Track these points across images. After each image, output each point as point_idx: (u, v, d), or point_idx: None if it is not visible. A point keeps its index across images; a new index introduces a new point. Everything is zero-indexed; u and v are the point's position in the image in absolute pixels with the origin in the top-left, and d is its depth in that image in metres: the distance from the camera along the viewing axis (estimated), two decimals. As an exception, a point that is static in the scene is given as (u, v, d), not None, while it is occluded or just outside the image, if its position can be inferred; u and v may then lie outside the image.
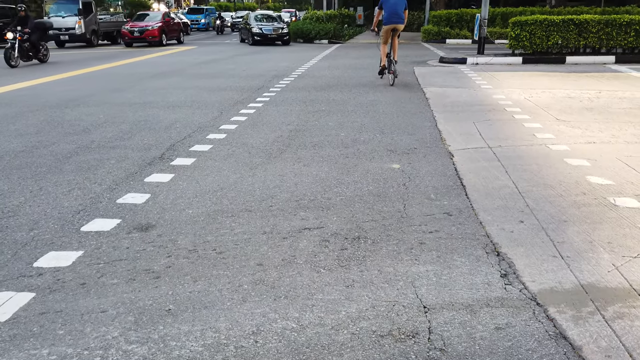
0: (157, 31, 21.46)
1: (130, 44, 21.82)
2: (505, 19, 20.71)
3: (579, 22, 12.55)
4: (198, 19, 36.27)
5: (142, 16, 23.42)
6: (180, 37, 24.07)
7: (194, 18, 36.14)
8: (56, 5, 21.55)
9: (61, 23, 20.78)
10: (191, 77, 11.14)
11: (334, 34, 23.46)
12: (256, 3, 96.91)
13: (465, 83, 9.79)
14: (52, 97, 8.62)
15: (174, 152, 5.13)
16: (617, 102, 7.54)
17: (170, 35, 22.86)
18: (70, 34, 21.15)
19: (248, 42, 22.54)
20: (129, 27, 21.66)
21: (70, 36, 21.22)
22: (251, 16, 23.38)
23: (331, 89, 9.32)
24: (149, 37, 21.31)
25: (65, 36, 21.17)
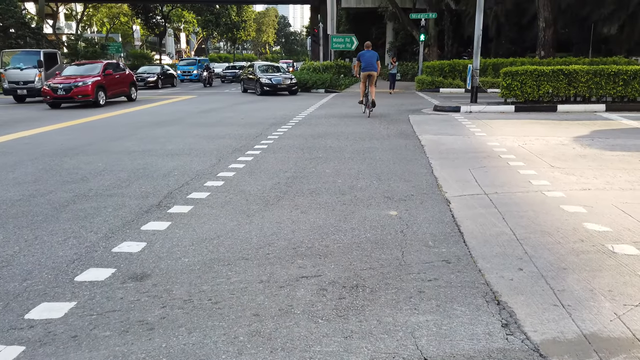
0: (90, 88, 16.19)
1: (57, 104, 16.68)
2: (496, 69, 21.33)
3: (569, 72, 12.93)
4: (190, 70, 36.38)
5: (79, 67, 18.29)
6: (130, 94, 18.86)
7: (187, 69, 36.59)
8: (16, 56, 19.80)
9: (19, 76, 18.70)
10: (190, 126, 11.30)
11: (331, 83, 24.05)
12: (255, 54, 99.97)
13: (460, 130, 9.96)
14: (51, 145, 8.71)
15: (171, 199, 5.14)
16: (609, 149, 7.66)
17: (113, 92, 17.69)
18: (28, 88, 18.64)
19: (255, 93, 22.17)
20: (53, 82, 16.43)
21: (28, 90, 18.63)
22: (256, 67, 23.41)
23: (328, 136, 9.45)
24: (77, 96, 16.15)
25: (24, 90, 18.68)
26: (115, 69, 18.38)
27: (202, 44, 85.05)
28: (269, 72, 22.76)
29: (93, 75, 16.89)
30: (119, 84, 18.24)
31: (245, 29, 79.23)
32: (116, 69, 18.41)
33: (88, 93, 16.18)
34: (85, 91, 16.17)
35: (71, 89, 16.09)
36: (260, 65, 24.00)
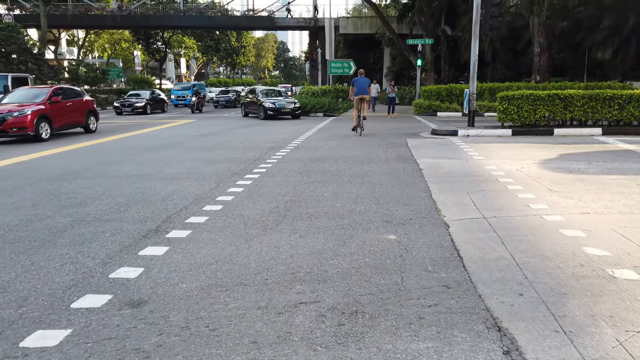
0: (28, 119, 13.19)
1: None
2: (492, 93, 21.57)
3: (564, 97, 13.08)
4: (185, 95, 35.65)
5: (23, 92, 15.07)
6: (88, 124, 15.98)
7: (181, 94, 35.98)
8: None
9: None
10: (190, 150, 11.35)
11: (329, 107, 24.26)
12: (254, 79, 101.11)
13: (458, 154, 10.01)
14: (50, 170, 8.72)
15: (169, 224, 5.12)
16: (607, 173, 7.69)
17: (63, 123, 14.79)
18: None
19: (258, 117, 21.98)
20: None
21: None
22: (258, 91, 23.46)
23: (326, 160, 9.49)
24: (11, 129, 13.10)
25: None
26: (67, 95, 15.36)
27: (202, 68, 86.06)
28: (271, 97, 22.78)
29: (36, 103, 13.84)
30: (72, 113, 15.22)
31: (244, 54, 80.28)
32: (69, 95, 15.45)
33: (25, 125, 13.14)
34: (22, 123, 13.11)
35: (4, 120, 12.97)
36: (262, 90, 24.12)
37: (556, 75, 27.13)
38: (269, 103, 21.53)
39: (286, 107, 21.57)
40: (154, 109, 28.02)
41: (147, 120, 21.51)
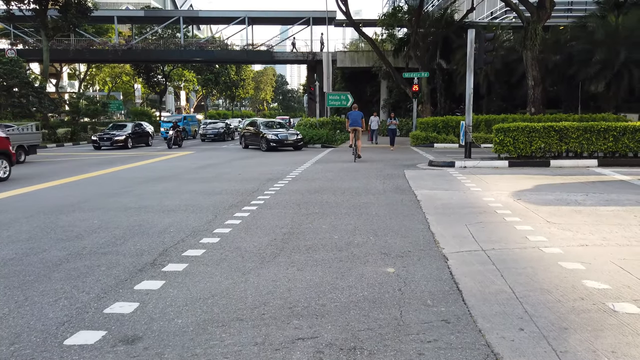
0: None
1: None
2: (488, 125, 21.83)
3: (559, 129, 13.23)
4: None
5: None
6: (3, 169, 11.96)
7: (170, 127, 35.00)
8: None
9: None
10: (188, 182, 11.37)
11: (327, 139, 24.46)
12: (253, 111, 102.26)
13: (455, 186, 10.04)
14: (48, 202, 8.70)
15: (166, 257, 5.08)
16: (604, 204, 7.71)
17: None
18: None
19: (260, 149, 21.83)
20: None
21: None
22: (259, 123, 23.60)
23: (324, 191, 9.50)
24: None
25: None
26: None
27: (202, 101, 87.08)
28: (273, 128, 22.91)
29: None
30: None
31: (243, 87, 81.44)
32: None
33: None
34: None
35: None
36: (263, 122, 24.27)
37: (551, 107, 27.53)
38: (271, 135, 21.58)
39: (289, 139, 21.63)
40: (137, 142, 25.84)
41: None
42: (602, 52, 23.92)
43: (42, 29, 30.80)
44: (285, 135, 21.78)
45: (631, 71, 23.91)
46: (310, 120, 29.33)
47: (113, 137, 24.23)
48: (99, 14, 37.73)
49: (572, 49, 26.42)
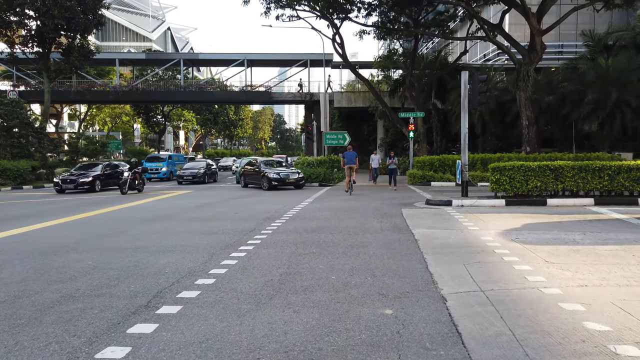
0: None
1: None
2: (484, 163, 22.00)
3: (554, 168, 13.34)
4: (159, 167, 31.51)
5: None
6: None
7: (154, 166, 31.64)
8: None
9: None
10: (184, 221, 11.32)
11: (324, 177, 24.57)
12: (251, 149, 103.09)
13: (453, 225, 10.02)
14: (43, 243, 8.62)
15: (160, 299, 5.00)
16: (602, 243, 7.68)
17: None
18: None
19: (261, 188, 21.76)
20: None
21: None
22: (260, 162, 23.66)
23: (322, 230, 9.46)
24: None
25: None
26: None
27: (200, 140, 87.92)
28: (274, 167, 22.93)
29: None
30: None
31: (242, 126, 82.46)
32: None
33: None
34: None
35: None
36: (264, 160, 24.31)
37: (545, 146, 27.82)
38: (273, 173, 21.58)
39: (290, 177, 21.64)
40: (107, 185, 22.89)
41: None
42: (593, 93, 24.41)
43: (45, 71, 31.35)
44: (287, 173, 21.80)
45: (623, 111, 24.33)
46: (308, 159, 29.55)
47: (78, 178, 21.38)
48: (101, 56, 38.57)
49: (564, 90, 26.96)
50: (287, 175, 21.68)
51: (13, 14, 28.47)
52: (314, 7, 27.72)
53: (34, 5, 27.86)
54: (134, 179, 20.63)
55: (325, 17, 28.82)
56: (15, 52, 30.71)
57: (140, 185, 21.08)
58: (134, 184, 20.63)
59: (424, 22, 31.43)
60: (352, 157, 18.57)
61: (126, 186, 20.18)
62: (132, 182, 20.51)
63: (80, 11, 28.73)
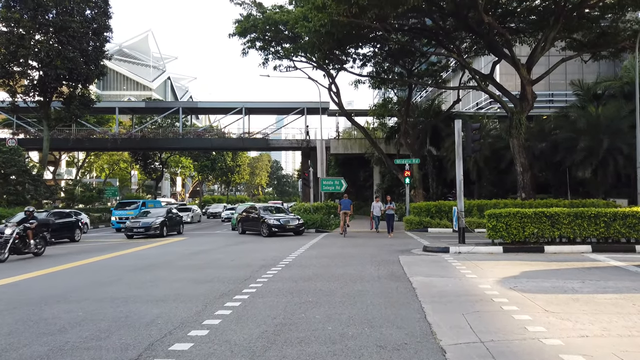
0: None
1: None
2: (481, 210, 22.02)
3: (550, 215, 13.36)
4: (129, 216, 27.22)
5: None
6: None
7: (124, 214, 28.40)
8: None
9: None
10: (179, 269, 11.17)
11: (321, 223, 24.47)
12: (248, 195, 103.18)
13: (451, 272, 9.91)
14: (33, 293, 8.46)
15: (151, 352, 4.86)
16: (601, 292, 7.59)
17: None
18: None
19: (261, 234, 21.43)
20: None
21: None
22: (259, 208, 23.59)
23: (318, 278, 9.33)
24: None
25: None
26: None
27: (198, 186, 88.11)
28: (273, 213, 22.80)
29: None
30: None
31: (239, 172, 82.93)
32: None
33: None
34: None
35: None
36: (262, 206, 24.19)
37: (540, 192, 27.99)
38: (272, 220, 21.36)
39: (290, 224, 21.48)
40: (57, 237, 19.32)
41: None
42: (585, 140, 24.83)
43: (45, 120, 31.77)
44: (287, 220, 21.65)
45: (615, 158, 24.67)
46: (305, 205, 29.53)
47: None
48: (101, 105, 39.27)
49: (556, 137, 27.43)
50: (288, 222, 21.53)
51: (17, 64, 29.16)
52: (311, 58, 28.56)
53: (37, 57, 28.60)
54: (23, 238, 14.22)
55: (322, 68, 29.65)
56: (16, 101, 31.20)
57: (36, 247, 14.69)
58: (24, 245, 14.26)
59: (418, 72, 32.34)
60: (348, 204, 20.99)
61: (5, 249, 13.50)
62: (18, 244, 14.05)
63: (82, 62, 29.48)
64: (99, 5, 30.66)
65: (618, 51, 25.62)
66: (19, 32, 28.27)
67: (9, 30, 28.38)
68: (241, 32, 26.91)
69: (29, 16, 28.18)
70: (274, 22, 26.05)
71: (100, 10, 30.75)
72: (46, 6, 28.12)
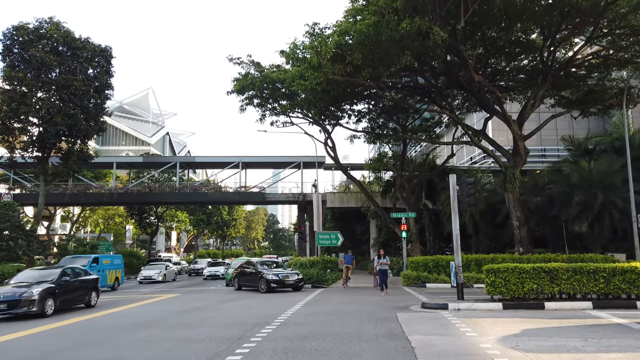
0: None
1: None
2: (479, 264, 21.78)
3: (549, 270, 13.22)
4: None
5: None
6: None
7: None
8: None
9: None
10: (171, 328, 10.85)
11: (317, 279, 24.06)
12: (243, 250, 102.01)
13: (450, 330, 9.67)
14: (17, 354, 8.16)
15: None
16: (604, 351, 7.40)
17: None
18: None
19: (259, 290, 20.86)
20: None
21: None
22: (256, 262, 23.07)
23: (314, 337, 9.07)
24: None
25: None
26: None
27: (193, 241, 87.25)
28: (271, 268, 22.34)
29: None
30: None
31: (235, 226, 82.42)
32: None
33: None
34: None
35: None
36: (260, 261, 23.76)
37: (538, 246, 27.82)
38: (271, 275, 20.85)
39: (290, 279, 20.98)
40: None
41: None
42: (580, 195, 24.97)
43: (42, 175, 31.74)
44: (286, 274, 21.20)
45: (611, 212, 24.72)
46: (301, 260, 29.15)
47: None
48: (99, 160, 39.55)
49: (551, 192, 27.62)
50: (287, 276, 21.05)
51: (17, 121, 29.51)
52: (307, 114, 29.20)
53: (38, 114, 29.00)
54: None
55: (318, 123, 30.25)
56: (14, 156, 31.28)
57: None
58: None
59: (412, 128, 33.01)
60: (350, 259, 22.92)
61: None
62: None
63: (82, 118, 29.85)
64: (101, 65, 31.50)
65: (606, 108, 26.35)
66: (22, 90, 28.86)
67: (12, 89, 28.96)
68: (239, 89, 27.63)
69: (32, 75, 28.82)
70: (271, 80, 26.83)
71: (103, 69, 31.54)
72: (50, 65, 28.84)
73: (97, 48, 31.08)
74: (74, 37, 30.20)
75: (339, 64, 20.07)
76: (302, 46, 23.80)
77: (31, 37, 28.93)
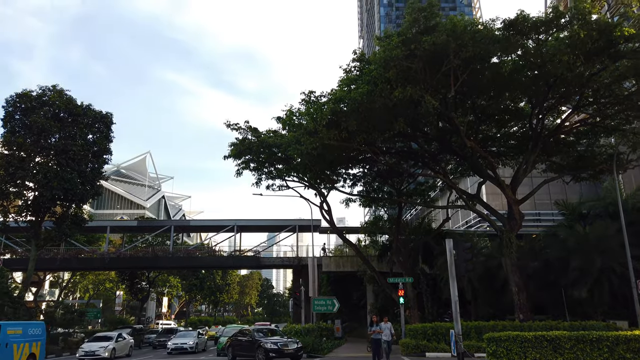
0: None
1: None
2: (479, 332, 21.17)
3: (551, 339, 12.88)
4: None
5: None
6: None
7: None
8: None
9: None
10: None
11: (313, 347, 23.23)
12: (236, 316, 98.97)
13: (452, 406, 9.21)
14: None
15: None
16: None
17: None
18: None
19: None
20: None
21: None
22: (253, 330, 22.36)
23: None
24: None
25: None
26: None
27: (184, 307, 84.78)
28: (268, 336, 21.58)
29: None
30: None
31: (228, 291, 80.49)
32: None
33: None
34: None
35: None
36: (257, 329, 22.97)
37: (538, 312, 27.18)
38: (270, 343, 20.00)
39: (289, 347, 20.19)
40: None
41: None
42: (577, 260, 24.76)
43: (33, 239, 31.22)
44: (285, 343, 20.40)
45: (610, 278, 24.41)
46: (295, 327, 28.26)
47: None
48: (93, 224, 39.18)
49: (548, 256, 27.41)
50: (286, 345, 20.24)
51: (13, 185, 29.42)
52: (303, 178, 29.49)
53: (35, 178, 28.98)
54: None
55: (313, 187, 30.47)
56: (7, 221, 30.96)
57: None
58: None
59: (406, 191, 33.26)
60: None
61: None
62: None
63: (79, 182, 29.81)
64: (101, 130, 31.95)
65: (597, 173, 26.77)
66: (20, 155, 29.07)
67: (10, 154, 29.14)
68: (236, 154, 28.05)
69: (32, 140, 29.13)
70: (267, 145, 27.32)
71: (102, 134, 31.96)
72: (50, 131, 29.25)
73: (97, 114, 31.68)
74: (76, 103, 30.89)
75: (334, 129, 20.58)
76: (297, 113, 24.49)
77: (34, 104, 29.52)
